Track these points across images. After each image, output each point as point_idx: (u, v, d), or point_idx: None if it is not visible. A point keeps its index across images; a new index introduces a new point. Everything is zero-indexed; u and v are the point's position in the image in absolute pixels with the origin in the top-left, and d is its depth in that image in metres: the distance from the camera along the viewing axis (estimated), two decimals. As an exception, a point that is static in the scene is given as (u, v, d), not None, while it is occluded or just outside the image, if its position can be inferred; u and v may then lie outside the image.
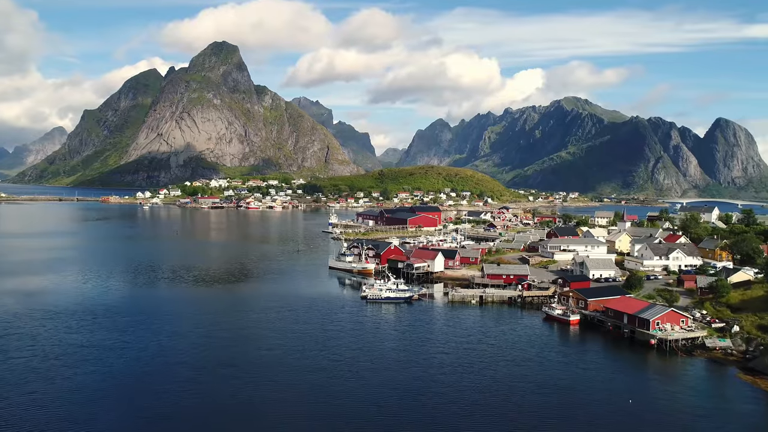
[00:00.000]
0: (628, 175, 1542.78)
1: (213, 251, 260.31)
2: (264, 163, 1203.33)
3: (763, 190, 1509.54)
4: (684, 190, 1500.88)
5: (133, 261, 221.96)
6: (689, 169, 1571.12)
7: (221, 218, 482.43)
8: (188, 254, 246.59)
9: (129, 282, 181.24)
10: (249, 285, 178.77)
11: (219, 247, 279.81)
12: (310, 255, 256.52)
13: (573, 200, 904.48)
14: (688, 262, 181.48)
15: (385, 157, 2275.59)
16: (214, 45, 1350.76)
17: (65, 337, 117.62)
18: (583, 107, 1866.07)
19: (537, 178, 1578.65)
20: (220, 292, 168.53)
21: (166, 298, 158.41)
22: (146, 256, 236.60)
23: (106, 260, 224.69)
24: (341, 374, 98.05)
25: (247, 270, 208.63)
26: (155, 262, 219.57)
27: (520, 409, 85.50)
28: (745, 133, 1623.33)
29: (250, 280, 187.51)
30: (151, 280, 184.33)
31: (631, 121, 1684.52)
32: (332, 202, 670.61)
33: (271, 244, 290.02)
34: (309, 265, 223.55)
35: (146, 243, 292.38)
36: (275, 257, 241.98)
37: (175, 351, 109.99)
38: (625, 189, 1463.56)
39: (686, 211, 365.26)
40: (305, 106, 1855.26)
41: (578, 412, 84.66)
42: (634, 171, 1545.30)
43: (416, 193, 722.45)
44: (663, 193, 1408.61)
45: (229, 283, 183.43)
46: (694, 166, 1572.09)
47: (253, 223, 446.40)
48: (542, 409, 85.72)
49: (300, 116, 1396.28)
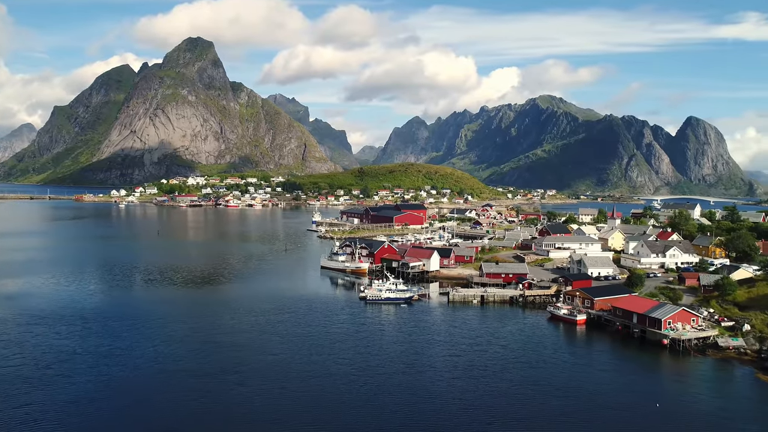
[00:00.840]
0: (603, 173, 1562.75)
1: (198, 251, 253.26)
2: (241, 160, 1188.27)
3: (732, 188, 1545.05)
4: (656, 187, 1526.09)
5: (116, 262, 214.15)
6: (661, 166, 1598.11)
7: (201, 217, 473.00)
8: (173, 254, 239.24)
9: (115, 284, 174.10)
10: (241, 286, 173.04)
11: (204, 246, 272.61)
12: (298, 254, 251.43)
13: (551, 197, 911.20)
14: (684, 259, 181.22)
15: (362, 154, 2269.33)
16: (189, 41, 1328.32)
17: (56, 344, 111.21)
18: (558, 105, 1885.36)
19: (513, 176, 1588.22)
20: (212, 294, 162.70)
21: (157, 300, 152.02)
22: (129, 257, 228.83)
23: (88, 261, 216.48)
24: (354, 380, 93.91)
25: (236, 270, 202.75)
26: (140, 263, 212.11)
27: (544, 414, 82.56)
28: (714, 132, 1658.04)
29: (241, 281, 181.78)
30: (138, 282, 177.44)
31: (605, 119, 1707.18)
32: (312, 200, 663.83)
33: (257, 243, 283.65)
34: (299, 265, 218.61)
35: (127, 243, 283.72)
36: (264, 257, 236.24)
37: (174, 357, 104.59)
38: (599, 186, 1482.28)
39: (669, 208, 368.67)
40: (281, 104, 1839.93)
41: (607, 417, 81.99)
42: (608, 168, 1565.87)
43: (397, 191, 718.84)
44: (636, 191, 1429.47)
45: (219, 284, 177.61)
46: (666, 164, 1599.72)
47: (234, 221, 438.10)
48: (568, 413, 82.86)
49: (277, 113, 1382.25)
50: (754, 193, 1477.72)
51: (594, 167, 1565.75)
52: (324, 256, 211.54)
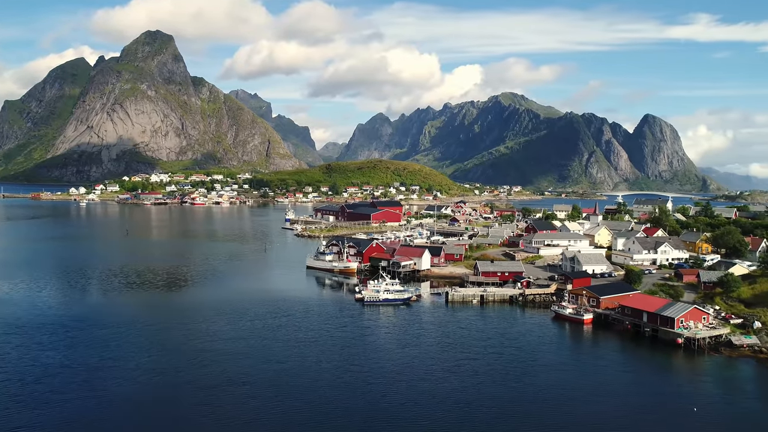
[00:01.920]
0: (564, 169, 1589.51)
1: (174, 251, 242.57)
2: (203, 157, 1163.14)
3: (687, 183, 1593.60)
4: (615, 183, 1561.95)
5: (88, 264, 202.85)
6: (620, 163, 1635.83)
7: (168, 215, 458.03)
8: (148, 255, 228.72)
9: (92, 288, 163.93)
10: (227, 287, 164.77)
11: (178, 246, 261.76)
12: (279, 253, 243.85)
13: (517, 194, 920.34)
14: (674, 255, 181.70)
15: (326, 151, 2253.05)
16: (148, 34, 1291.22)
17: (40, 356, 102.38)
18: (519, 103, 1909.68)
19: (477, 172, 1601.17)
20: (199, 297, 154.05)
21: (141, 305, 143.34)
22: (101, 259, 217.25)
23: (57, 264, 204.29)
24: (375, 390, 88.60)
25: (219, 271, 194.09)
26: (114, 265, 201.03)
27: (582, 419, 79.08)
28: (670, 129, 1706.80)
29: (226, 282, 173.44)
30: (117, 286, 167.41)
31: (566, 116, 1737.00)
32: (281, 198, 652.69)
33: (234, 243, 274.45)
34: (283, 265, 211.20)
35: (96, 243, 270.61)
36: (244, 256, 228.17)
37: (175, 368, 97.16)
38: (561, 182, 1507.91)
39: (641, 204, 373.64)
40: (243, 99, 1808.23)
41: (646, 421, 78.96)
42: (569, 165, 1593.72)
43: (366, 188, 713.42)
44: (596, 187, 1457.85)
45: (205, 286, 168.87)
46: (625, 161, 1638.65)
47: (204, 219, 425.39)
48: (605, 417, 79.69)
49: (239, 109, 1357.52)
50: (707, 188, 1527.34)
51: (555, 164, 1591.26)
52: (310, 255, 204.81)
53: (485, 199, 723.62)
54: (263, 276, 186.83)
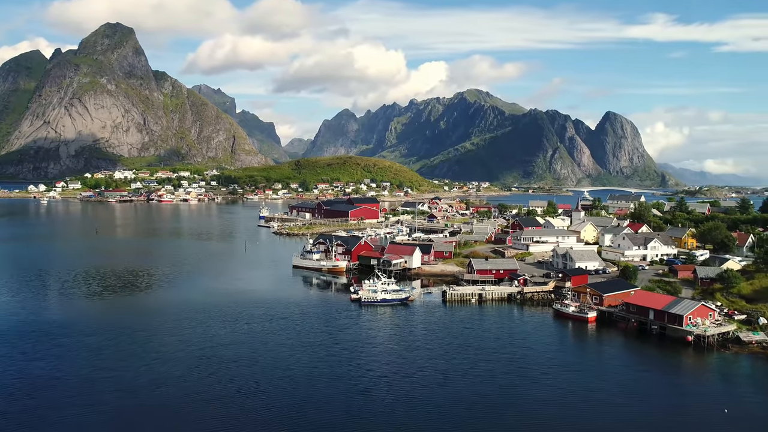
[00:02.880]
0: (528, 165, 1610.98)
1: (150, 250, 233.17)
2: (167, 153, 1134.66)
3: (647, 179, 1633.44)
4: (578, 179, 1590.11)
5: (61, 266, 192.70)
6: (583, 159, 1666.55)
7: (136, 213, 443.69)
8: (124, 255, 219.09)
9: (72, 292, 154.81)
10: (215, 288, 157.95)
11: (154, 245, 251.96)
12: (259, 252, 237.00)
13: (485, 190, 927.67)
14: (664, 251, 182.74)
15: (291, 147, 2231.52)
16: (107, 26, 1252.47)
17: (27, 367, 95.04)
18: (485, 99, 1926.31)
19: (443, 168, 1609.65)
20: (187, 299, 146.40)
21: (127, 309, 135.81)
22: (75, 260, 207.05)
23: (29, 266, 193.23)
24: (399, 397, 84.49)
25: (202, 271, 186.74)
26: (89, 266, 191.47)
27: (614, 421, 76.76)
28: (631, 126, 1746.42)
29: (212, 283, 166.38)
30: (97, 289, 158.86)
31: (530, 113, 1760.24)
32: (249, 194, 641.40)
33: (211, 241, 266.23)
34: (266, 264, 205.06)
35: (65, 244, 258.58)
36: (224, 256, 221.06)
37: (176, 378, 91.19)
38: (525, 178, 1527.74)
39: (616, 200, 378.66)
40: (206, 94, 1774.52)
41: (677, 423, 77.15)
42: (534, 161, 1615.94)
43: (336, 184, 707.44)
44: (560, 182, 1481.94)
45: (190, 288, 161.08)
46: (587, 157, 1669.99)
47: (174, 217, 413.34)
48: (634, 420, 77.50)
49: (203, 104, 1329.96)
50: (666, 184, 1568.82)
51: (520, 160, 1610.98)
52: (296, 254, 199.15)
53: (455, 195, 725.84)
54: (248, 276, 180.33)
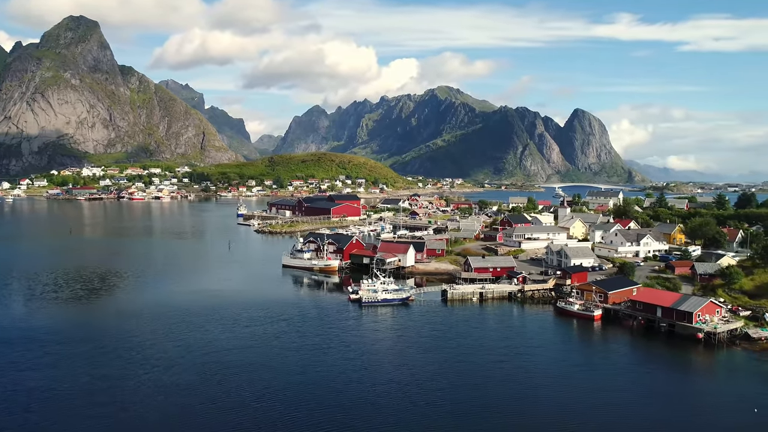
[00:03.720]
0: (499, 162, 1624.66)
1: (130, 251, 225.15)
2: (134, 150, 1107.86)
3: (614, 175, 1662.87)
4: (548, 175, 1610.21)
5: (39, 268, 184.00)
6: (552, 156, 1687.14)
7: (107, 212, 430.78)
8: (104, 256, 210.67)
9: (56, 296, 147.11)
10: (206, 290, 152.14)
11: (133, 245, 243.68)
12: (244, 251, 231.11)
13: (459, 186, 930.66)
14: (656, 247, 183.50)
15: (261, 143, 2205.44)
16: (71, 19, 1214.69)
17: (20, 378, 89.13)
18: (455, 96, 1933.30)
19: (415, 165, 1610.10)
20: (178, 301, 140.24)
21: (118, 313, 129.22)
22: (53, 261, 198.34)
23: (2, 270, 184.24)
24: (420, 401, 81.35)
25: (190, 271, 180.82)
26: (69, 269, 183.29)
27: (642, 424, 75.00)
28: (599, 123, 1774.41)
29: (203, 284, 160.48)
30: (81, 293, 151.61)
31: (501, 110, 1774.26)
32: (223, 192, 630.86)
33: (192, 240, 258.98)
34: (254, 264, 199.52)
35: (39, 244, 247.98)
36: (209, 255, 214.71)
37: (184, 386, 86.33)
38: (496, 175, 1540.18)
39: (594, 196, 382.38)
40: (174, 90, 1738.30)
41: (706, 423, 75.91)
42: (504, 158, 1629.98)
43: (311, 181, 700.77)
44: (530, 179, 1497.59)
45: (180, 290, 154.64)
46: (557, 153, 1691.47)
47: (148, 216, 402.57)
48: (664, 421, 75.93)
49: (172, 100, 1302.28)
50: (632, 180, 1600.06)
51: (491, 156, 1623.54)
52: (285, 253, 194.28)
53: (430, 192, 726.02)
54: (238, 276, 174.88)
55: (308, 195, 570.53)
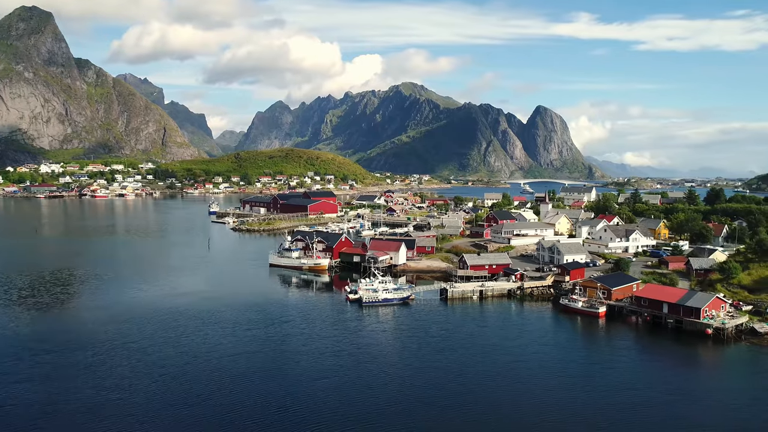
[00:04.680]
0: (464, 158, 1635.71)
1: (105, 251, 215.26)
2: (92, 146, 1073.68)
3: (575, 171, 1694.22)
4: (511, 171, 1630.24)
5: (9, 271, 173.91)
6: (515, 152, 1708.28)
7: (71, 210, 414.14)
8: (78, 258, 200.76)
9: (35, 301, 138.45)
10: (195, 292, 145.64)
11: (106, 245, 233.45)
12: (225, 251, 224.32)
13: (427, 182, 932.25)
14: (644, 242, 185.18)
15: (223, 139, 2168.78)
16: (23, 9, 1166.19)
17: (16, 391, 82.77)
18: (420, 93, 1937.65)
19: (380, 161, 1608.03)
20: (171, 304, 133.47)
21: (109, 318, 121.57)
22: (23, 264, 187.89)
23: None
24: (449, 404, 78.59)
25: (174, 272, 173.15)
26: (44, 271, 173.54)
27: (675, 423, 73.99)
28: (560, 120, 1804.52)
29: (190, 286, 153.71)
30: (63, 296, 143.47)
31: (465, 106, 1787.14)
32: (189, 189, 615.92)
33: (168, 239, 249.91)
34: (238, 263, 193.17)
35: (4, 246, 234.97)
36: (189, 255, 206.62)
37: (198, 396, 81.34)
38: (461, 171, 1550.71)
39: (568, 192, 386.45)
40: (133, 84, 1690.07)
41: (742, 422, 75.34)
42: (469, 154, 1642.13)
43: (279, 177, 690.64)
44: (494, 175, 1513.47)
45: (170, 292, 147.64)
46: (520, 150, 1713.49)
47: (115, 214, 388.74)
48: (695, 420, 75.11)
49: (131, 94, 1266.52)
50: (593, 176, 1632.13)
51: (455, 153, 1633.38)
52: (272, 252, 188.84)
53: (398, 188, 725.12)
54: (225, 277, 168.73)
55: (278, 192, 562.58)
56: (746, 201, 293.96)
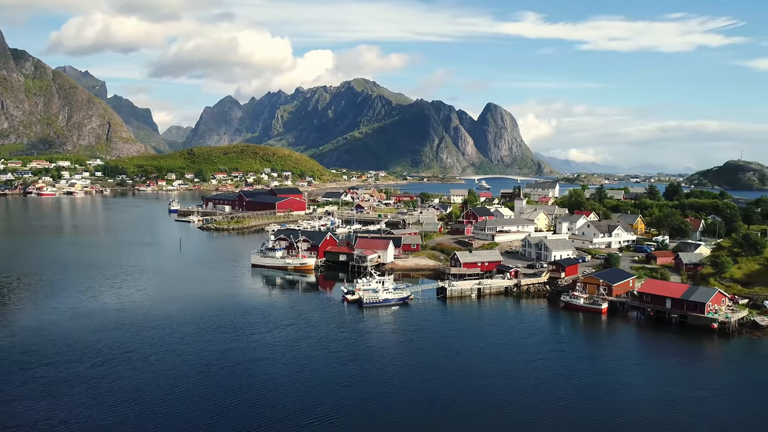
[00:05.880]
0: (416, 154, 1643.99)
1: (71, 254, 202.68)
2: (32, 141, 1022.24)
3: (525, 167, 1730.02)
4: (463, 167, 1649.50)
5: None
6: (467, 148, 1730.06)
7: (17, 209, 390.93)
8: (43, 261, 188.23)
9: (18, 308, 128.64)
10: (185, 295, 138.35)
11: (69, 247, 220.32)
12: (199, 251, 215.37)
13: (383, 178, 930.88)
14: (625, 237, 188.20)
15: (170, 135, 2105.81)
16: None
17: (15, 412, 75.52)
18: (372, 89, 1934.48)
19: (333, 157, 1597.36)
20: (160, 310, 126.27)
21: (98, 325, 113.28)
22: None
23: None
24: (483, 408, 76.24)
25: (152, 275, 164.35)
26: (10, 276, 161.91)
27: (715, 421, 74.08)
28: (510, 117, 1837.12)
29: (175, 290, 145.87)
30: (46, 303, 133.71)
31: (417, 103, 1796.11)
32: (141, 186, 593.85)
33: (134, 240, 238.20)
34: (216, 265, 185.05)
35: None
36: (162, 257, 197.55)
37: (225, 412, 76.03)
38: (414, 167, 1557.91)
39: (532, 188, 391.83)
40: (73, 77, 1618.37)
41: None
42: (421, 150, 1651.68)
43: (235, 174, 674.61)
44: (447, 171, 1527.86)
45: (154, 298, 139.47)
46: (471, 146, 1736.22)
47: (68, 213, 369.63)
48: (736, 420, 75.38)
49: (72, 88, 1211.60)
50: (542, 172, 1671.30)
51: (408, 149, 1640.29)
52: (254, 252, 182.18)
53: (354, 184, 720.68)
54: (208, 279, 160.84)
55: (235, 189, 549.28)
56: (704, 196, 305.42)
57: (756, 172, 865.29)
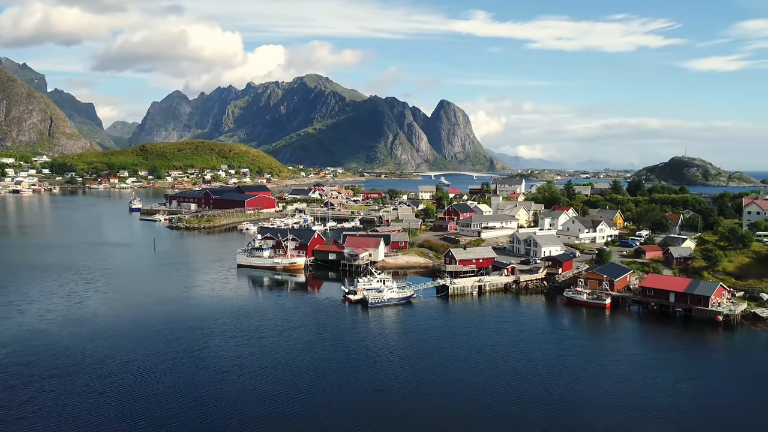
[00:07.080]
0: (371, 151, 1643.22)
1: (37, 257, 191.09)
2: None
3: (478, 163, 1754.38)
4: (417, 164, 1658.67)
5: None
6: (421, 145, 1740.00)
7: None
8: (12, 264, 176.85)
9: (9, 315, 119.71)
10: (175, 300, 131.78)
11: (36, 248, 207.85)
12: (173, 252, 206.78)
13: (341, 175, 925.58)
14: (608, 233, 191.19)
15: (114, 131, 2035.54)
16: None
17: (33, 430, 69.09)
18: (325, 85, 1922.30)
19: (286, 153, 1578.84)
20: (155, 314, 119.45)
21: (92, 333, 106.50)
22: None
23: None
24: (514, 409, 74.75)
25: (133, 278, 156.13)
26: None
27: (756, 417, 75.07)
28: (463, 114, 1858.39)
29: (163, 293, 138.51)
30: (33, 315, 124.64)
31: (370, 99, 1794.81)
32: (92, 184, 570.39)
33: (102, 240, 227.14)
34: (198, 266, 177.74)
35: None
36: (138, 258, 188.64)
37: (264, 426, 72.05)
38: (369, 163, 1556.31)
39: (501, 184, 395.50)
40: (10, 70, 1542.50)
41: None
42: (376, 147, 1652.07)
43: (191, 171, 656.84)
44: (401, 167, 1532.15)
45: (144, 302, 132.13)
46: (425, 143, 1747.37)
47: (22, 214, 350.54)
48: None
49: (11, 81, 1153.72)
50: (494, 168, 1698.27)
51: (362, 145, 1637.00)
52: (240, 251, 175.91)
53: (313, 181, 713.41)
54: (196, 281, 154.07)
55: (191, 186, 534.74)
56: (666, 191, 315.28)
57: (699, 168, 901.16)
